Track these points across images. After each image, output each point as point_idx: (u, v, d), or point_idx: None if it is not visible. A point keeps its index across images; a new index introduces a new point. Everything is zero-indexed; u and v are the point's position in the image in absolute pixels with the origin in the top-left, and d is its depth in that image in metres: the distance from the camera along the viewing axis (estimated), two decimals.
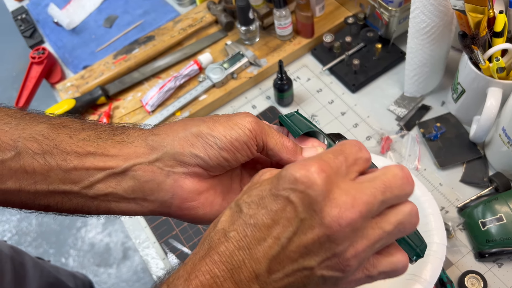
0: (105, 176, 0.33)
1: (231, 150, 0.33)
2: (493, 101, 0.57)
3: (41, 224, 1.69)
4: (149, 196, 0.34)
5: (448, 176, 0.64)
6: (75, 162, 0.32)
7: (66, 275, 0.83)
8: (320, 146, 0.37)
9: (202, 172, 0.34)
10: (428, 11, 0.58)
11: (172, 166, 0.33)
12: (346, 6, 0.82)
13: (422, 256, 0.38)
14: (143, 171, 0.33)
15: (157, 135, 0.34)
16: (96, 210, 0.34)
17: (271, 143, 0.35)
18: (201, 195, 0.34)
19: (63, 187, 0.32)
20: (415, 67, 0.66)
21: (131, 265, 1.56)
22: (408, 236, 0.38)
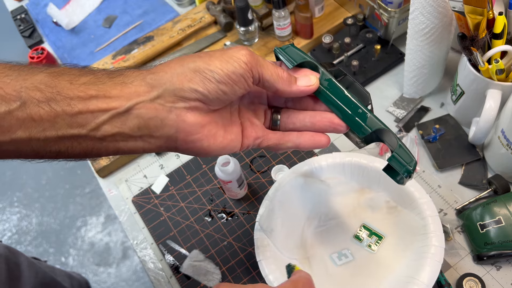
0: (109, 117, 0.34)
1: (229, 83, 0.35)
2: (492, 103, 0.57)
3: (41, 223, 1.69)
4: (155, 133, 0.35)
5: (447, 178, 0.64)
6: (79, 106, 0.33)
7: (62, 276, 0.83)
8: (313, 75, 0.40)
9: (202, 106, 0.35)
10: (427, 13, 0.57)
11: (173, 102, 0.34)
12: (346, 7, 0.82)
13: (412, 172, 0.39)
14: (145, 109, 0.34)
15: (155, 73, 0.35)
16: (106, 151, 0.35)
17: (266, 74, 0.37)
18: (204, 128, 0.36)
19: (71, 131, 0.33)
20: (414, 69, 0.66)
21: (130, 264, 1.56)
22: (397, 153, 0.39)
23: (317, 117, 0.40)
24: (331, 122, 0.40)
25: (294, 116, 0.41)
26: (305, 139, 0.40)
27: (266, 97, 0.42)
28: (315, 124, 0.40)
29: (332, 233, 0.60)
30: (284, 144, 0.41)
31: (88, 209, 1.71)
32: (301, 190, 0.60)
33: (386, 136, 0.41)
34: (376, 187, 0.60)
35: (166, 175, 0.71)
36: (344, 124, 0.40)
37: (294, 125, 0.41)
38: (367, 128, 0.39)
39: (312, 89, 0.39)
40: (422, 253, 0.53)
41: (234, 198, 0.67)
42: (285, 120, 0.41)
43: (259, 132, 0.40)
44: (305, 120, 0.41)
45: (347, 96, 0.40)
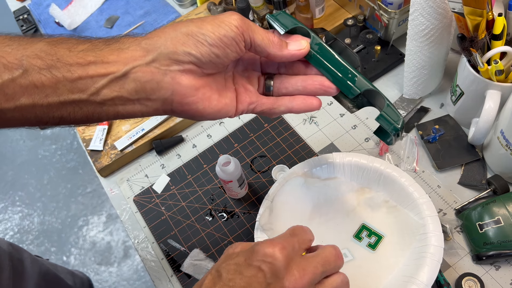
0: (108, 81, 0.35)
1: (221, 46, 0.36)
2: (492, 103, 0.57)
3: (42, 222, 1.70)
4: (151, 96, 0.36)
5: (446, 178, 0.64)
6: (79, 72, 0.34)
7: (64, 273, 0.84)
8: (304, 40, 0.41)
9: (196, 69, 0.37)
10: (427, 14, 0.58)
11: (168, 65, 0.36)
12: (346, 8, 0.82)
13: (399, 130, 0.41)
14: (142, 72, 0.35)
15: (150, 39, 0.36)
16: (106, 116, 0.37)
17: (258, 39, 0.38)
18: (198, 91, 0.37)
19: (73, 96, 0.35)
20: (414, 69, 0.66)
21: (132, 263, 1.57)
22: (385, 112, 0.41)
23: (308, 81, 0.41)
24: (321, 85, 0.41)
25: (287, 81, 0.42)
26: (297, 102, 0.42)
27: (260, 64, 0.44)
28: (306, 88, 0.41)
29: (332, 233, 0.60)
30: (278, 108, 0.42)
31: (89, 208, 1.71)
32: (301, 190, 0.60)
33: (376, 98, 0.42)
34: (375, 187, 0.60)
35: (167, 174, 0.71)
36: (334, 86, 0.41)
37: (286, 90, 0.42)
38: (356, 89, 0.40)
39: (302, 53, 0.40)
40: (421, 253, 0.53)
41: (235, 198, 0.67)
42: (278, 86, 0.42)
43: (253, 97, 0.42)
44: (297, 84, 0.42)
45: (337, 59, 0.41)
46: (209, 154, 0.72)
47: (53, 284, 0.77)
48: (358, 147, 0.69)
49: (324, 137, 0.71)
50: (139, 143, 0.73)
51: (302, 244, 0.38)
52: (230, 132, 0.74)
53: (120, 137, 0.73)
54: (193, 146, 0.74)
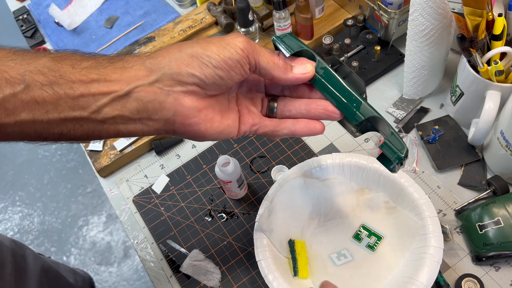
0: (110, 100, 0.35)
1: (225, 68, 0.36)
2: (492, 104, 0.57)
3: (43, 222, 1.70)
4: (153, 115, 0.36)
5: (446, 178, 0.64)
6: (81, 89, 0.34)
7: (66, 271, 0.84)
8: (309, 63, 0.41)
9: (200, 91, 0.36)
10: (426, 14, 0.58)
11: (171, 85, 0.35)
12: (346, 8, 0.82)
13: (403, 159, 0.40)
14: (145, 92, 0.35)
15: (154, 58, 0.36)
16: (107, 134, 0.37)
17: (263, 61, 0.38)
18: (201, 112, 0.37)
19: (73, 113, 0.35)
20: (414, 70, 0.66)
21: (132, 264, 1.57)
22: (389, 140, 0.41)
23: (312, 105, 0.41)
24: (325, 109, 0.41)
25: (290, 104, 0.42)
26: (300, 126, 0.41)
27: (264, 86, 0.43)
28: (310, 112, 0.41)
29: (332, 233, 0.60)
30: (280, 131, 0.42)
31: (89, 208, 1.71)
32: (301, 190, 0.60)
33: (380, 124, 0.42)
34: (375, 187, 0.60)
35: (166, 175, 0.71)
36: (338, 111, 0.41)
37: (290, 113, 0.42)
38: (360, 116, 0.40)
39: (307, 76, 0.40)
40: (421, 254, 0.53)
41: (234, 198, 0.67)
42: (281, 108, 0.42)
43: (256, 119, 0.41)
44: (301, 107, 0.42)
45: (342, 84, 0.41)
46: (208, 154, 0.72)
47: (55, 281, 0.77)
48: (357, 148, 0.69)
49: (323, 137, 0.71)
50: (139, 143, 0.72)
51: None
52: None
53: None
54: (193, 146, 0.74)
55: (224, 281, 0.61)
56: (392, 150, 0.40)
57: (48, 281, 0.74)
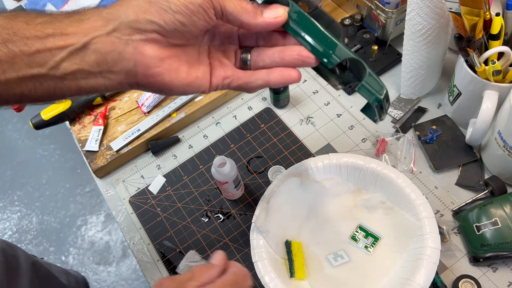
0: (68, 54, 0.33)
1: (186, 13, 0.34)
2: (489, 104, 0.57)
3: (41, 222, 1.70)
4: (114, 67, 0.34)
5: (444, 179, 0.64)
6: (36, 45, 0.33)
7: (58, 272, 0.84)
8: (281, 8, 0.39)
9: (161, 39, 0.35)
10: (424, 13, 0.57)
11: (129, 34, 0.34)
12: (343, 7, 0.82)
13: (382, 101, 0.38)
14: (102, 43, 0.34)
15: (111, 8, 0.35)
16: (69, 91, 0.35)
17: (229, 6, 0.36)
18: (163, 61, 0.35)
19: (31, 71, 0.33)
20: (411, 69, 0.66)
21: (130, 263, 1.57)
22: (367, 82, 0.38)
23: (286, 52, 0.39)
24: (299, 55, 0.39)
25: (264, 53, 0.40)
26: (274, 75, 0.39)
27: (238, 38, 0.42)
28: (284, 59, 0.39)
29: (329, 234, 0.60)
30: (254, 82, 0.40)
31: (88, 208, 1.71)
32: (298, 191, 0.60)
33: (361, 70, 0.39)
34: (372, 188, 0.60)
35: (163, 175, 0.71)
36: (313, 56, 0.39)
37: (264, 63, 0.40)
38: (335, 58, 0.38)
39: (279, 21, 0.38)
40: (418, 255, 0.53)
41: (231, 199, 0.67)
42: (255, 59, 0.40)
43: (229, 72, 0.40)
44: (275, 55, 0.39)
45: (316, 27, 0.39)
46: (205, 154, 0.72)
47: (47, 281, 0.77)
48: (355, 148, 0.68)
49: (320, 137, 0.70)
50: (135, 143, 0.72)
51: None
52: (227, 133, 0.73)
53: (116, 138, 0.73)
54: (189, 146, 0.74)
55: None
56: (370, 92, 0.38)
57: (39, 281, 0.74)
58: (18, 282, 0.68)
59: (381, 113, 0.40)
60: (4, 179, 1.82)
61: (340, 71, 0.42)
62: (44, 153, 1.88)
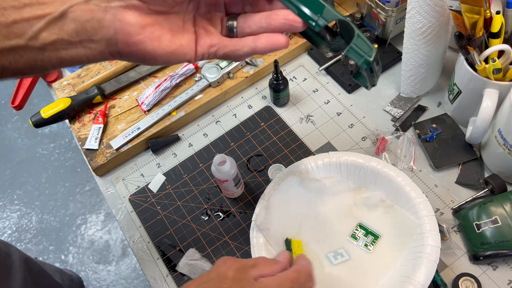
0: (46, 23, 0.33)
1: None
2: (489, 102, 0.57)
3: (41, 221, 1.70)
4: (94, 36, 0.34)
5: (444, 177, 0.64)
6: (13, 15, 0.32)
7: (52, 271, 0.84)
8: None
9: (142, 5, 0.34)
10: (424, 12, 0.57)
11: (107, 1, 0.33)
12: (343, 5, 0.82)
13: (371, 63, 0.37)
14: (81, 11, 0.33)
15: None
16: (50, 62, 0.35)
17: None
18: (145, 29, 0.34)
19: (9, 42, 0.33)
20: (411, 68, 0.66)
21: (130, 262, 1.56)
22: (355, 44, 0.37)
23: (272, 16, 0.38)
24: (286, 19, 0.38)
25: (250, 20, 0.39)
26: (261, 41, 0.38)
27: (224, 5, 0.41)
28: (270, 24, 0.38)
29: (328, 232, 0.60)
30: (241, 49, 0.39)
31: (88, 207, 1.71)
32: (298, 189, 0.60)
33: (351, 34, 0.38)
34: (372, 186, 0.60)
35: (163, 173, 0.71)
36: (300, 19, 0.38)
37: (250, 29, 0.39)
38: (323, 20, 0.37)
39: None
40: (418, 253, 0.53)
41: (231, 197, 0.67)
42: (241, 25, 0.39)
43: (214, 40, 0.39)
44: (261, 21, 0.38)
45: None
46: (205, 153, 0.72)
47: (40, 278, 0.77)
48: (355, 146, 0.68)
49: (320, 136, 0.70)
50: (135, 142, 0.72)
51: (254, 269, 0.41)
52: (227, 131, 0.73)
53: (116, 136, 0.73)
54: (189, 145, 0.74)
55: None
56: (359, 54, 0.37)
57: (32, 279, 0.74)
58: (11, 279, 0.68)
59: (372, 78, 0.39)
60: (4, 178, 1.82)
61: (330, 37, 0.41)
62: (44, 152, 1.87)
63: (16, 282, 0.67)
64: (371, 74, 0.39)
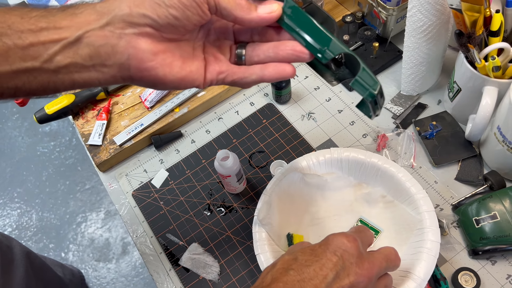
0: (61, 47, 0.34)
1: (180, 7, 0.34)
2: (489, 100, 0.57)
3: (41, 219, 1.70)
4: (107, 61, 0.35)
5: (444, 174, 0.64)
6: (30, 38, 0.33)
7: (53, 264, 0.85)
8: (276, 3, 0.39)
9: (155, 33, 0.35)
10: (425, 10, 0.58)
11: (122, 28, 0.34)
12: (345, 4, 0.83)
13: (376, 96, 0.39)
14: (95, 36, 0.34)
15: (105, 2, 0.35)
16: (62, 84, 0.36)
17: (223, 1, 0.36)
18: (157, 56, 0.35)
19: (25, 64, 0.34)
20: (411, 66, 0.67)
21: (130, 260, 1.57)
22: (360, 77, 0.39)
23: (280, 47, 0.39)
24: (293, 50, 0.39)
25: (259, 48, 0.40)
26: (269, 70, 0.39)
27: (233, 33, 0.42)
28: (278, 54, 0.39)
29: (330, 228, 0.60)
30: (249, 77, 0.40)
31: (88, 205, 1.71)
32: (299, 185, 0.60)
33: (355, 66, 0.39)
34: (373, 182, 0.61)
35: (166, 169, 0.71)
36: (307, 51, 0.39)
37: (258, 58, 0.40)
38: (329, 53, 0.38)
39: (273, 16, 0.38)
40: (418, 248, 0.54)
41: (233, 193, 0.68)
42: (250, 54, 0.41)
43: (223, 67, 0.40)
44: (269, 51, 0.40)
45: (310, 22, 0.39)
46: (207, 149, 0.73)
47: (41, 272, 0.78)
48: (356, 143, 0.69)
49: (322, 133, 0.71)
50: (138, 138, 0.73)
51: (367, 240, 0.44)
52: (229, 128, 0.74)
53: (119, 132, 0.73)
54: (192, 141, 0.74)
55: (222, 274, 0.61)
56: (363, 87, 0.38)
57: (34, 272, 0.75)
58: (13, 272, 0.69)
59: (376, 109, 0.40)
60: (4, 176, 1.83)
61: (335, 67, 0.42)
62: (44, 150, 1.88)
63: (18, 275, 0.68)
64: (375, 106, 0.40)
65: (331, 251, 0.39)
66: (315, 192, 0.61)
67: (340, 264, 0.39)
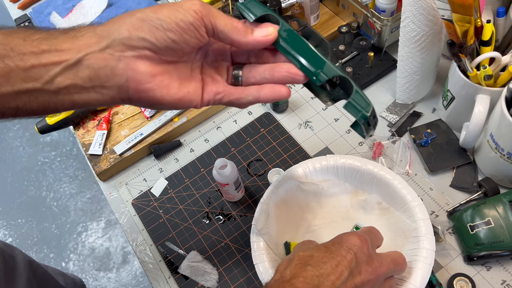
0: (62, 69, 0.35)
1: (177, 31, 0.35)
2: (481, 108, 0.58)
3: (42, 228, 1.71)
4: (106, 83, 0.36)
5: (439, 181, 0.65)
6: (32, 60, 0.34)
7: (55, 273, 0.85)
8: (272, 26, 0.40)
9: (153, 56, 0.36)
10: (417, 21, 0.59)
11: (121, 51, 0.35)
12: (340, 15, 0.84)
13: (368, 118, 0.40)
14: (95, 59, 0.35)
15: (105, 25, 0.36)
16: (62, 105, 0.37)
17: (220, 24, 0.37)
18: (155, 78, 0.36)
19: (26, 85, 0.35)
20: (406, 75, 0.68)
21: (130, 269, 1.57)
22: (353, 99, 0.40)
23: (275, 69, 0.41)
24: (288, 72, 0.40)
25: (255, 70, 0.41)
26: (264, 91, 0.40)
27: (230, 54, 0.43)
28: (274, 76, 0.41)
29: (326, 235, 0.61)
30: (245, 98, 0.41)
31: (88, 214, 1.72)
32: (296, 192, 0.61)
33: (348, 85, 0.40)
34: (369, 189, 0.61)
35: (165, 178, 0.72)
36: (302, 73, 0.40)
37: (255, 79, 0.41)
38: (323, 76, 0.39)
39: (269, 39, 0.39)
40: (414, 256, 0.54)
41: (231, 201, 0.68)
42: (246, 75, 0.42)
43: (220, 87, 0.41)
44: (265, 72, 0.41)
45: (305, 45, 0.40)
46: (206, 158, 0.74)
47: (43, 280, 0.79)
48: (352, 151, 0.70)
49: (319, 141, 0.72)
50: (138, 147, 0.74)
51: (377, 241, 0.46)
52: (227, 137, 0.75)
53: (119, 142, 0.75)
54: (191, 150, 0.75)
55: (221, 282, 0.62)
56: (356, 109, 0.39)
57: (36, 281, 0.75)
58: (16, 281, 0.69)
59: (369, 130, 0.41)
60: (5, 185, 1.83)
61: (330, 88, 0.43)
62: (45, 160, 1.89)
63: (20, 284, 0.69)
64: (368, 127, 0.41)
65: (345, 249, 0.42)
66: (311, 199, 0.62)
67: (354, 262, 0.41)
